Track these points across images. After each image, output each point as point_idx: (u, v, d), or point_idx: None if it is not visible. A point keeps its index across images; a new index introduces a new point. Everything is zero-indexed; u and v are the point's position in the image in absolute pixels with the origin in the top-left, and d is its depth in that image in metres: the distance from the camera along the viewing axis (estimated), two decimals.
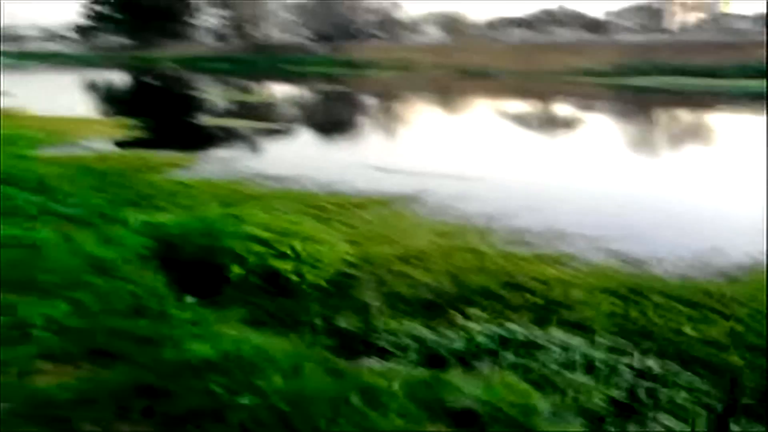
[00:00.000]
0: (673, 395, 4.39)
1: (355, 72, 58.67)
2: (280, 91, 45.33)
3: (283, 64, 66.15)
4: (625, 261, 7.64)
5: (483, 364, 4.50)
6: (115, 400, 3.44)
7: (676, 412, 4.21)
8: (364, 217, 9.63)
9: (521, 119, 28.54)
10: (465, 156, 16.13)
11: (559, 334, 5.18)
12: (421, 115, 31.82)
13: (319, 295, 6.32)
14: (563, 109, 34.03)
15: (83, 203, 9.03)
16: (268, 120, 25.85)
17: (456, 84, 48.69)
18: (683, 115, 32.79)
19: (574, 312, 5.94)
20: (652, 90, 41.27)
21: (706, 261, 7.60)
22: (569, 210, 10.30)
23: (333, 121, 29.04)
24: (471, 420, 3.49)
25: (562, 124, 27.09)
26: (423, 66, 59.16)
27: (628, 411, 4.12)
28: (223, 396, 3.45)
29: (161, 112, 29.11)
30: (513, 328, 5.26)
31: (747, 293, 6.44)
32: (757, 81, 37.77)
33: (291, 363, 3.85)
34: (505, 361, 4.59)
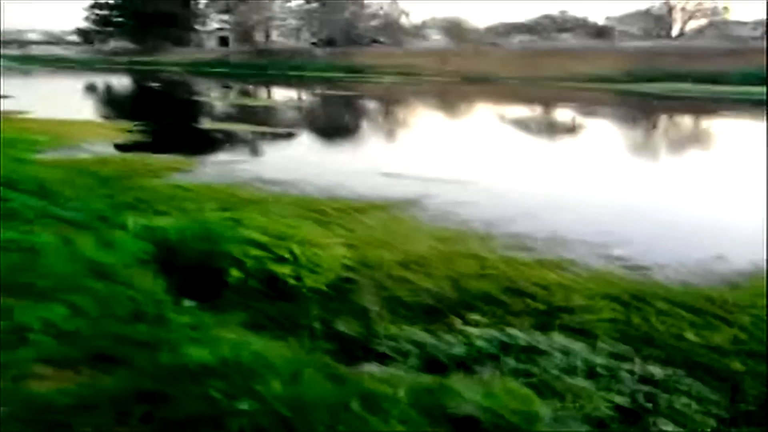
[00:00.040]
0: (674, 401, 4.37)
1: (357, 77, 58.72)
2: (282, 95, 45.35)
3: (285, 68, 66.24)
4: (627, 267, 7.62)
5: (484, 370, 4.48)
6: (114, 406, 3.42)
7: (678, 418, 4.19)
8: (364, 221, 9.60)
9: (523, 125, 28.53)
10: (466, 161, 16.09)
11: (560, 340, 5.16)
12: (423, 120, 31.82)
13: (318, 299, 6.29)
14: (565, 114, 34.01)
15: (83, 207, 9.01)
16: (269, 124, 25.85)
17: (458, 89, 48.74)
18: (685, 121, 32.79)
19: (575, 317, 5.91)
20: (654, 96, 41.27)
21: (708, 267, 7.58)
22: (571, 216, 10.27)
23: (335, 125, 29.05)
24: (472, 426, 3.47)
25: (564, 130, 27.09)
26: (425, 71, 59.21)
27: (630, 417, 4.10)
28: (222, 401, 3.43)
29: (163, 116, 29.11)
30: (514, 333, 5.23)
31: (749, 300, 6.42)
32: (759, 87, 37.82)
33: (290, 368, 3.83)
34: (506, 366, 4.57)
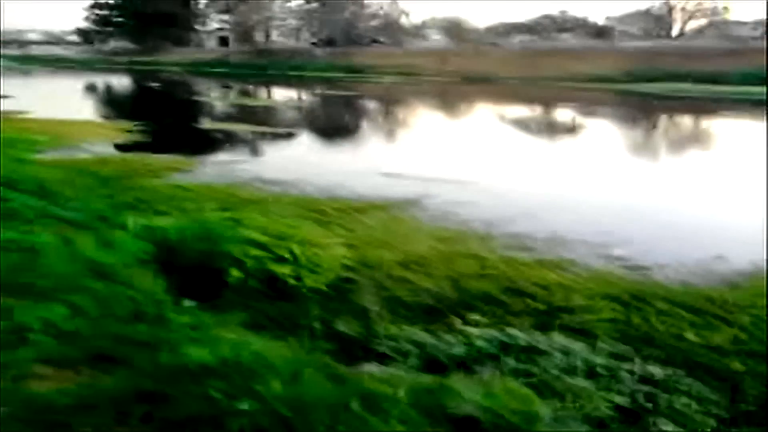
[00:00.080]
0: (674, 401, 4.36)
1: (357, 77, 58.72)
2: (282, 95, 45.35)
3: (285, 68, 66.25)
4: (627, 267, 7.62)
5: (484, 370, 4.48)
6: (114, 406, 3.42)
7: (678, 418, 4.19)
8: (364, 221, 9.60)
9: (523, 125, 28.53)
10: (466, 161, 16.09)
11: (560, 340, 5.16)
12: (423, 120, 31.82)
13: (318, 299, 6.29)
14: (565, 114, 34.01)
15: (83, 207, 9.00)
16: (269, 124, 25.84)
17: (458, 89, 48.74)
18: (685, 121, 32.80)
19: (575, 317, 5.91)
20: (654, 96, 41.27)
21: (708, 267, 7.58)
22: (570, 216, 10.26)
23: (335, 125, 29.05)
24: (472, 426, 3.46)
25: (564, 130, 27.08)
26: (425, 71, 59.21)
27: (630, 417, 4.10)
28: (222, 401, 3.42)
29: (163, 116, 29.11)
30: (514, 333, 5.23)
31: (749, 300, 6.42)
32: (759, 87, 37.83)
33: (290, 368, 3.83)
34: (506, 366, 4.57)
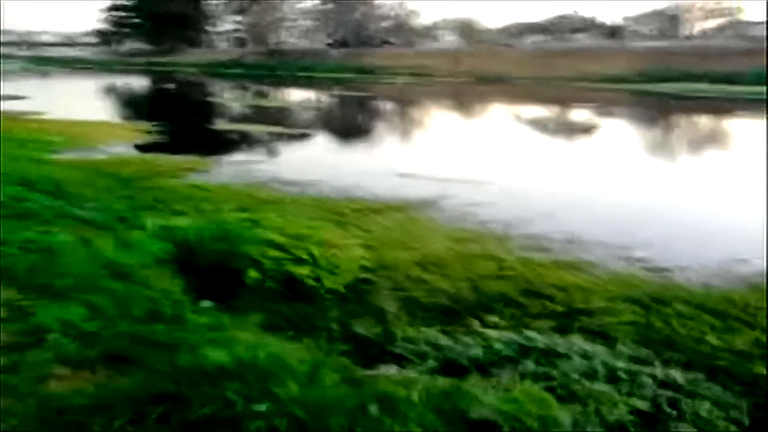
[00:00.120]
0: (696, 406, 4.29)
1: (371, 77, 58.72)
2: (297, 96, 45.43)
3: (298, 69, 66.40)
4: (647, 269, 7.55)
5: (502, 373, 4.44)
6: (131, 407, 3.40)
7: (699, 423, 4.12)
8: (382, 222, 9.57)
9: (539, 125, 28.42)
10: (482, 162, 16.04)
11: (579, 342, 5.10)
12: (438, 120, 31.77)
13: (336, 300, 6.28)
14: (581, 114, 33.84)
15: (101, 207, 9.04)
16: (285, 125, 25.88)
17: (472, 90, 48.65)
18: (702, 120, 32.55)
19: (595, 320, 5.85)
20: (670, 96, 41.02)
21: (729, 269, 7.50)
22: (588, 216, 10.20)
23: (350, 126, 29.06)
24: (491, 430, 3.43)
25: (579, 130, 26.94)
26: (437, 72, 59.15)
27: (651, 422, 4.04)
28: (239, 403, 3.40)
29: (179, 117, 29.23)
30: (532, 335, 5.18)
31: None
32: None
33: (307, 370, 3.80)
34: (524, 369, 4.52)
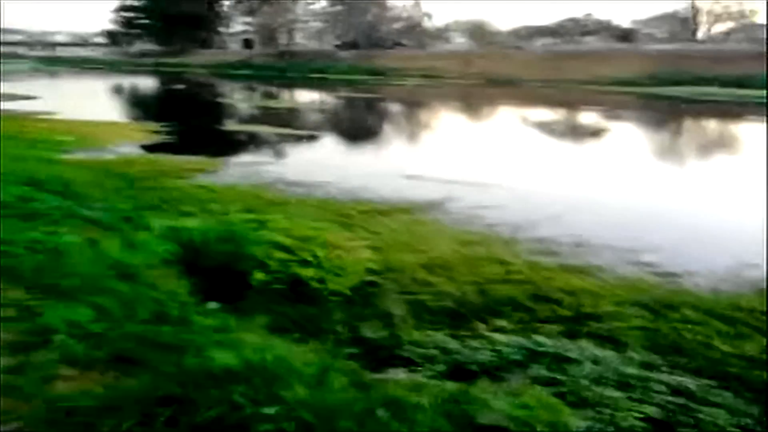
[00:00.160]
0: (706, 412, 4.24)
1: (381, 79, 58.70)
2: (306, 97, 45.46)
3: (308, 71, 66.42)
4: (656, 274, 7.50)
5: (511, 377, 4.40)
6: (138, 409, 3.38)
7: (710, 429, 4.08)
8: (388, 224, 9.54)
9: (547, 128, 28.34)
10: (490, 164, 16.00)
11: (589, 347, 5.06)
12: (447, 122, 31.72)
13: (342, 302, 6.25)
14: (590, 118, 33.75)
15: (109, 207, 9.03)
16: (293, 126, 25.89)
17: (481, 92, 48.58)
18: (711, 124, 32.41)
19: (603, 325, 5.81)
20: (680, 99, 40.89)
21: (738, 274, 7.44)
22: (596, 220, 10.15)
23: (358, 128, 29.04)
24: None
25: (588, 133, 26.85)
26: (448, 74, 59.10)
27: (662, 429, 4.00)
28: (246, 406, 3.38)
29: (188, 118, 29.27)
30: (541, 340, 5.14)
31: None
32: None
33: (315, 373, 3.78)
34: (534, 374, 4.48)
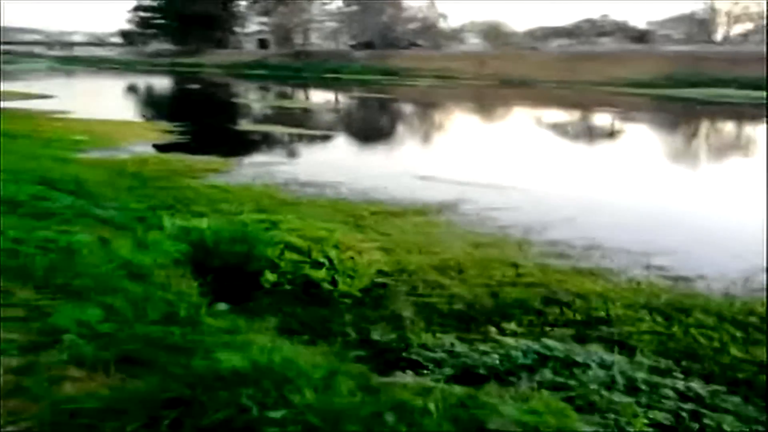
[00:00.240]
0: (716, 418, 4.20)
1: (395, 80, 58.68)
2: (320, 97, 45.51)
3: (323, 71, 66.49)
4: (668, 277, 7.44)
5: (520, 381, 4.38)
6: (144, 411, 3.38)
7: None
8: (400, 225, 9.54)
9: (562, 129, 28.24)
10: (504, 166, 15.96)
11: (599, 352, 5.02)
12: (461, 123, 31.67)
13: (352, 304, 6.25)
14: (604, 119, 33.59)
15: (121, 207, 9.07)
16: (306, 126, 25.93)
17: (496, 93, 48.47)
18: (726, 127, 32.17)
19: (614, 329, 5.77)
20: (695, 101, 40.62)
21: (752, 278, 7.37)
22: (610, 223, 10.10)
23: (371, 128, 29.04)
24: None
25: (602, 135, 26.73)
26: (463, 74, 59.02)
27: None
28: (253, 409, 3.37)
29: (202, 117, 29.36)
30: (551, 344, 5.10)
31: None
32: None
33: (323, 376, 3.76)
34: (542, 378, 4.45)
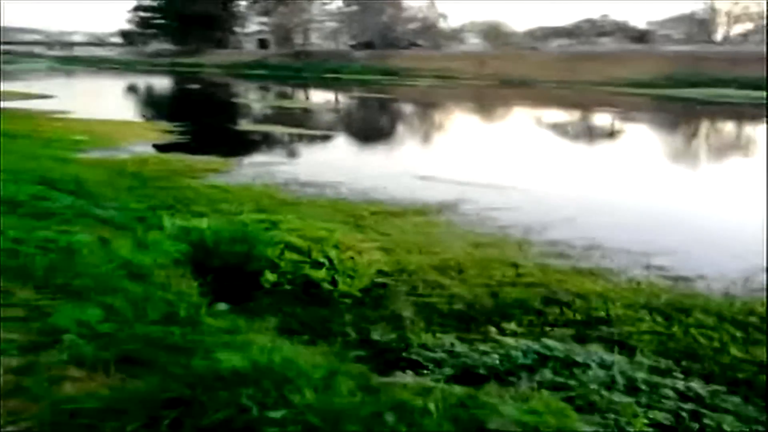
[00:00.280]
0: (717, 419, 4.19)
1: (395, 80, 58.68)
2: (320, 97, 45.51)
3: (323, 71, 66.49)
4: (668, 277, 7.44)
5: (519, 381, 4.38)
6: (144, 411, 3.38)
7: None
8: (400, 225, 9.54)
9: (562, 129, 28.24)
10: (504, 166, 15.96)
11: (599, 352, 5.02)
12: (460, 123, 31.67)
13: (352, 304, 6.25)
14: (604, 119, 33.59)
15: (121, 207, 9.07)
16: (306, 126, 25.93)
17: (496, 93, 48.48)
18: (726, 127, 32.18)
19: (614, 329, 5.77)
20: (695, 101, 40.63)
21: (752, 278, 7.37)
22: (610, 223, 10.10)
23: (371, 128, 29.04)
24: None
25: (602, 135, 26.73)
26: (463, 74, 59.02)
27: None
28: (253, 409, 3.37)
29: (202, 117, 29.36)
30: (551, 344, 5.10)
31: None
32: None
33: (323, 376, 3.76)
34: (542, 378, 4.45)
